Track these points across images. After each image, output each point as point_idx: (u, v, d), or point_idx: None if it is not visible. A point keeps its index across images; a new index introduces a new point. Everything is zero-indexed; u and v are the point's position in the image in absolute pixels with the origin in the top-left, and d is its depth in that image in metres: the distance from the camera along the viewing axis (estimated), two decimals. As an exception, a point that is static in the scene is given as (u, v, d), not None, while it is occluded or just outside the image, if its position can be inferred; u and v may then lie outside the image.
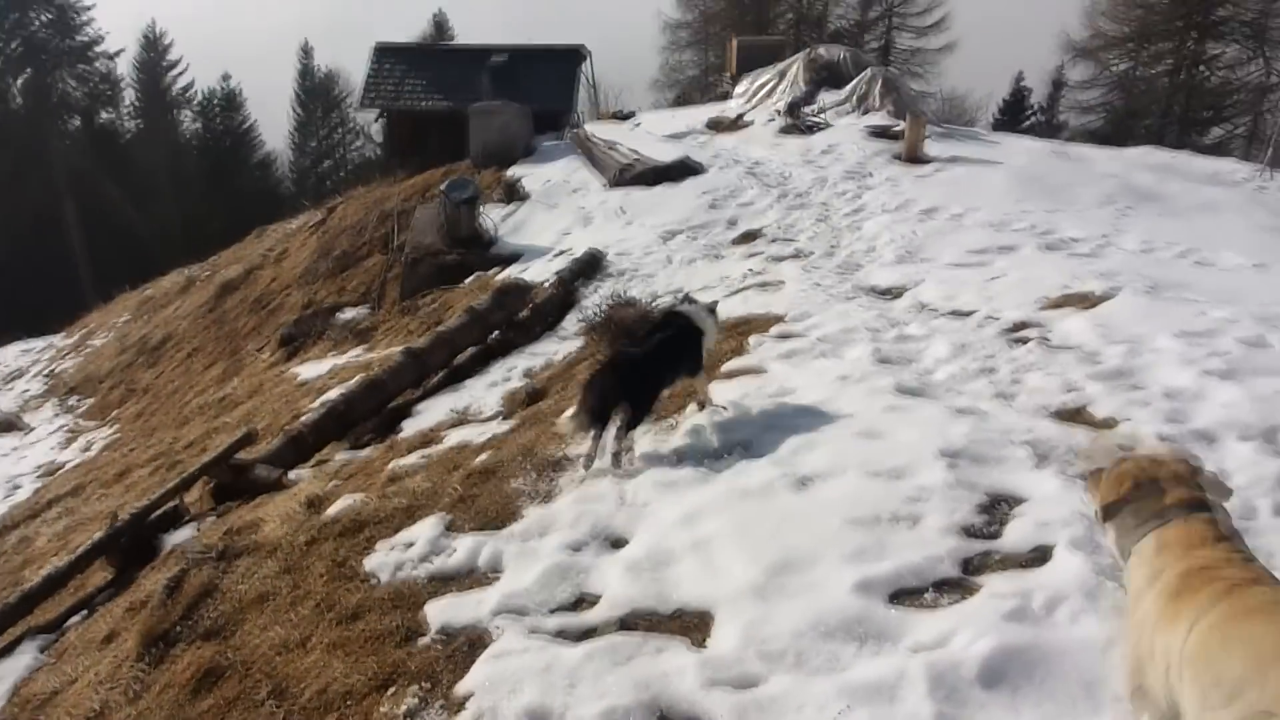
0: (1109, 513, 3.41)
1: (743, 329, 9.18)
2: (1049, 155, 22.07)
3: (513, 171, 22.47)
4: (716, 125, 25.84)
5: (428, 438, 9.12)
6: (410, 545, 5.81)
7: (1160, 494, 3.29)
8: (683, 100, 44.74)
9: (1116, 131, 39.16)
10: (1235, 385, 6.20)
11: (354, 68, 55.62)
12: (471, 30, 60.61)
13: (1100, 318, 8.21)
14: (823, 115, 24.35)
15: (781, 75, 27.94)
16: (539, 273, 15.42)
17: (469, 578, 5.32)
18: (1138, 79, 40.82)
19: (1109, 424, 5.85)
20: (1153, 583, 3.04)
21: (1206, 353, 6.90)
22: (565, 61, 31.29)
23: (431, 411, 10.36)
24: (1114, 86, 41.63)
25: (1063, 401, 6.26)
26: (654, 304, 11.80)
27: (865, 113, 24.39)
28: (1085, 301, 9.03)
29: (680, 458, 6.02)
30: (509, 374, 11.12)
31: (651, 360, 6.27)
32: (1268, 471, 5.00)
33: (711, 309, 6.97)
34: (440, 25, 65.05)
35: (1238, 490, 4.86)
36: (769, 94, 27.49)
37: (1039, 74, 44.07)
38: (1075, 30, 40.60)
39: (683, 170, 19.69)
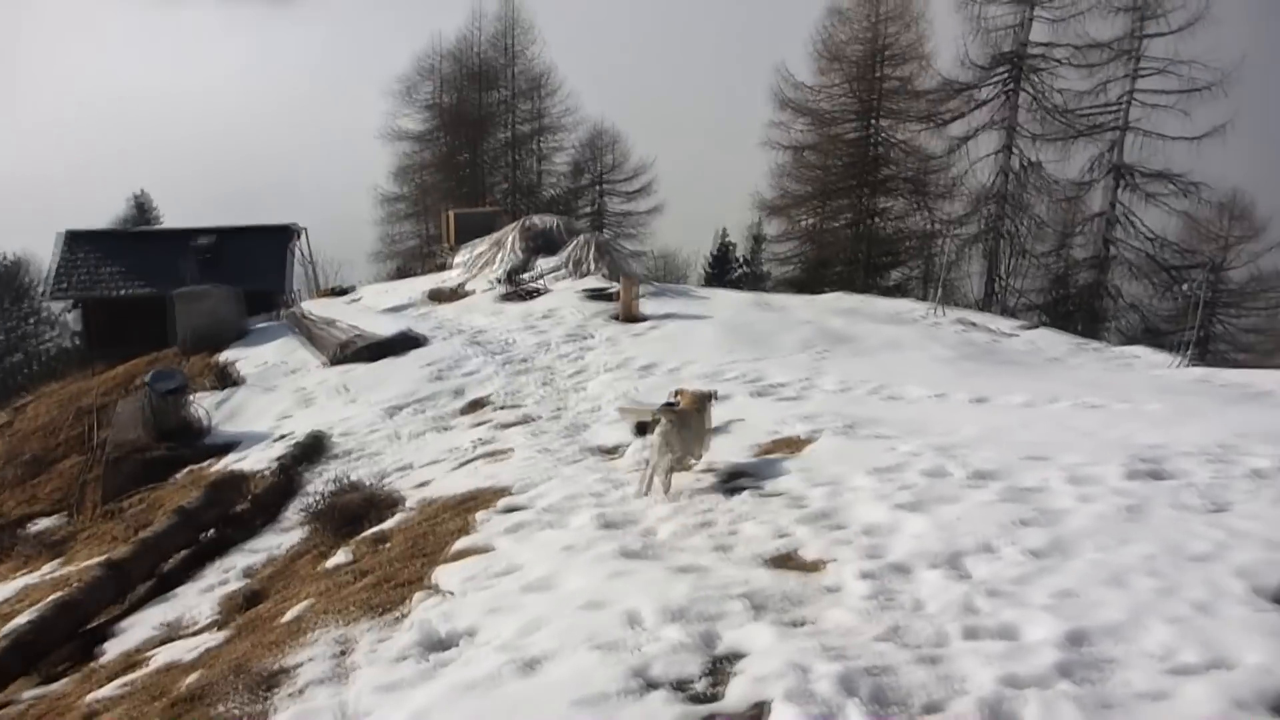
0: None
1: (469, 505, 9.07)
2: (752, 306, 23.74)
3: (225, 355, 21.55)
4: (437, 296, 26.04)
5: (131, 660, 8.29)
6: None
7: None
8: (403, 272, 44.89)
9: (812, 278, 42.73)
10: (923, 516, 6.72)
11: (46, 253, 52.07)
12: (178, 208, 58.30)
13: (805, 461, 8.75)
14: (541, 281, 25.12)
15: (498, 244, 28.69)
16: (258, 460, 14.66)
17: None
18: (824, 231, 44.97)
19: (817, 566, 6.15)
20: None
21: (897, 486, 7.47)
22: (277, 239, 30.76)
23: (138, 628, 9.45)
24: (805, 238, 45.61)
25: (775, 548, 6.54)
26: (382, 485, 11.49)
27: (581, 276, 25.38)
28: (792, 446, 9.60)
29: (404, 655, 5.76)
30: (226, 575, 10.38)
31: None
32: (954, 596, 5.40)
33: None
34: (142, 206, 62.15)
35: (930, 618, 5.22)
36: (487, 263, 28.10)
37: (740, 229, 47.64)
38: (766, 190, 44.42)
39: (405, 343, 19.59)
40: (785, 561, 6.34)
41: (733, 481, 8.49)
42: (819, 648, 4.83)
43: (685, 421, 8.22)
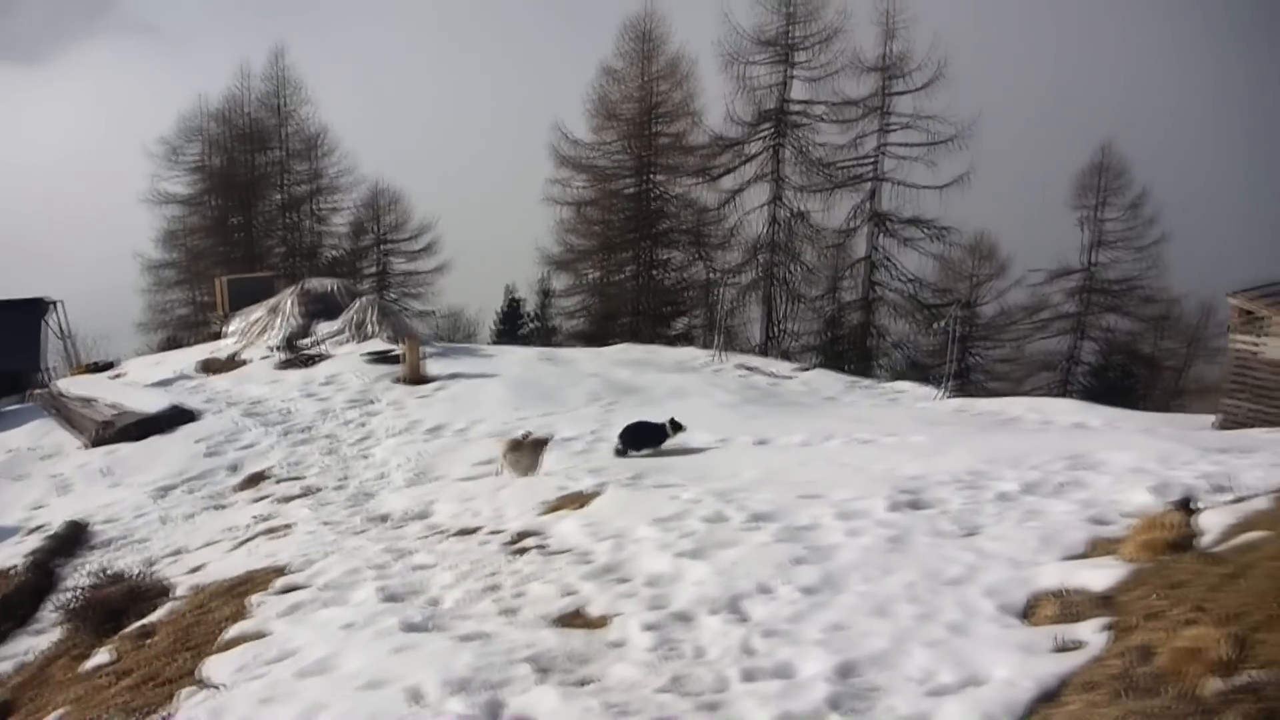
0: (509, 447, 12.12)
1: (244, 588, 8.60)
2: (541, 361, 23.81)
3: (-35, 445, 19.63)
4: (210, 366, 24.73)
5: None
6: None
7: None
8: (173, 342, 42.37)
9: (600, 331, 43.31)
10: (703, 562, 6.89)
11: None
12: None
13: (590, 516, 8.81)
14: (321, 346, 24.33)
15: (275, 310, 27.62)
16: (6, 558, 13.41)
17: None
18: (609, 284, 45.73)
19: (603, 621, 6.18)
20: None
21: (679, 535, 7.64)
22: (26, 315, 28.42)
23: None
24: (591, 292, 46.21)
25: (561, 607, 6.54)
26: (149, 573, 10.75)
27: (364, 339, 24.76)
28: (578, 501, 9.65)
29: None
30: (-33, 689, 9.37)
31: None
32: (734, 640, 5.55)
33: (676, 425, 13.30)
34: None
35: (711, 664, 5.34)
36: (264, 330, 26.98)
37: (529, 285, 47.72)
38: (551, 246, 44.81)
39: (175, 418, 18.48)
40: (571, 620, 6.34)
41: (520, 542, 8.45)
42: (602, 706, 4.85)
43: (523, 450, 12.22)
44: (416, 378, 20.41)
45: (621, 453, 13.21)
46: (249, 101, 50.06)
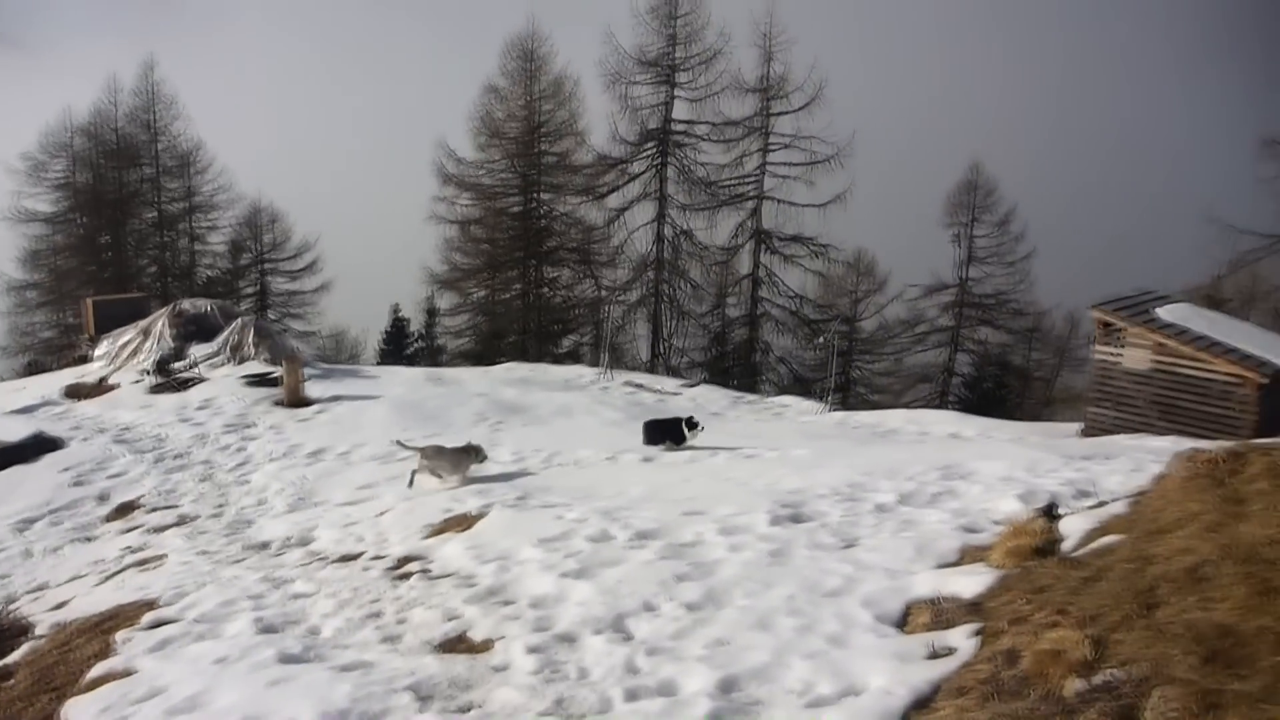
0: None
1: (111, 624, 8.21)
2: (426, 382, 23.49)
3: None
4: (77, 392, 23.61)
5: None
6: None
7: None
8: (36, 367, 40.33)
9: (487, 350, 42.97)
10: (588, 582, 6.89)
11: None
12: None
13: (475, 538, 8.72)
14: (196, 369, 23.51)
15: (146, 332, 26.55)
16: None
17: None
18: (496, 302, 45.41)
19: (486, 645, 6.12)
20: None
21: (563, 555, 7.62)
22: None
23: None
24: (477, 310, 45.80)
25: (444, 632, 6.45)
26: (7, 612, 10.20)
27: (241, 362, 24.02)
28: (463, 523, 9.54)
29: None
30: None
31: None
32: (617, 660, 5.56)
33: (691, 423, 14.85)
34: None
35: (594, 684, 5.34)
36: (135, 353, 25.90)
37: (414, 304, 46.99)
38: (436, 265, 44.26)
39: (38, 447, 17.59)
40: (455, 645, 6.26)
41: (403, 566, 8.31)
42: (485, 732, 4.79)
43: (442, 456, 12.72)
44: (297, 400, 19.91)
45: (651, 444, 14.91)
46: (118, 116, 48.15)
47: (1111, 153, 59.15)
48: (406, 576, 7.90)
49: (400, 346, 48.05)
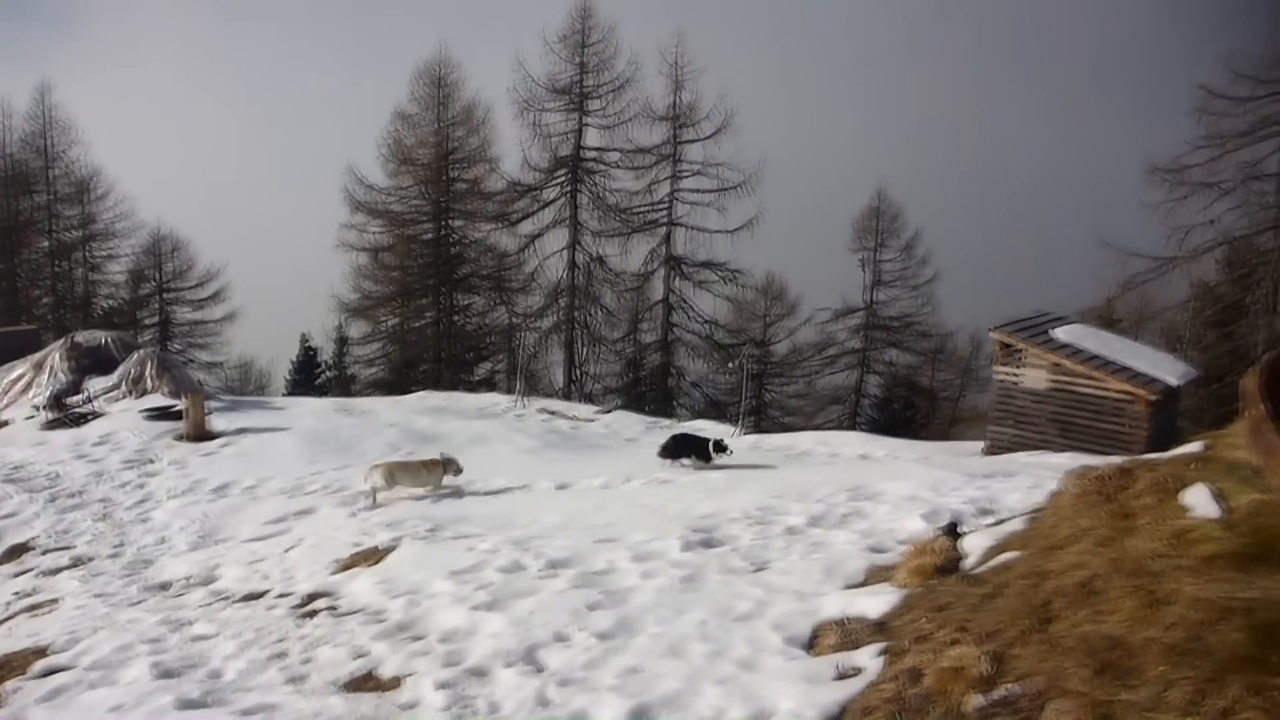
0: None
1: (-1, 676, 7.86)
2: (336, 413, 23.03)
3: None
4: (-36, 430, 22.63)
5: None
6: None
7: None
8: (-79, 404, 38.57)
9: (400, 379, 42.37)
10: (499, 614, 6.83)
11: None
12: None
13: (384, 572, 8.57)
14: (93, 404, 22.70)
15: (40, 366, 25.55)
16: None
17: None
18: (409, 330, 44.87)
19: (395, 683, 6.01)
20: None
21: (475, 587, 7.54)
22: None
23: None
24: (389, 339, 45.21)
25: (352, 670, 6.33)
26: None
27: (141, 395, 23.26)
28: (373, 557, 9.38)
29: None
30: None
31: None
32: (529, 692, 5.51)
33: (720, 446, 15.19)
34: None
35: (506, 718, 5.28)
36: (27, 388, 24.90)
37: (324, 332, 46.16)
38: (346, 293, 43.54)
39: (-80, 490, 16.74)
40: (363, 683, 6.14)
41: (310, 604, 8.13)
42: (391, 771, 4.71)
43: (404, 470, 13.73)
44: (201, 434, 19.35)
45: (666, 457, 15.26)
46: (10, 142, 46.51)
47: (1013, 180, 61.42)
48: (313, 614, 7.73)
49: (310, 376, 47.12)
